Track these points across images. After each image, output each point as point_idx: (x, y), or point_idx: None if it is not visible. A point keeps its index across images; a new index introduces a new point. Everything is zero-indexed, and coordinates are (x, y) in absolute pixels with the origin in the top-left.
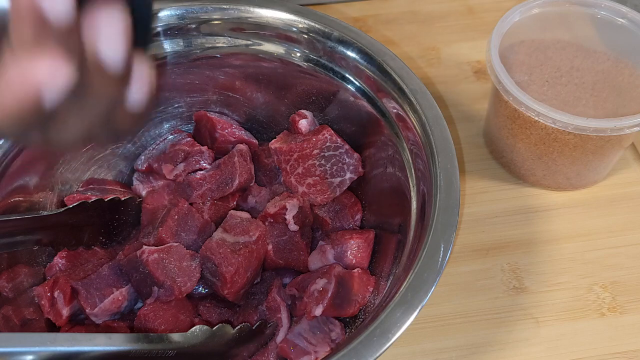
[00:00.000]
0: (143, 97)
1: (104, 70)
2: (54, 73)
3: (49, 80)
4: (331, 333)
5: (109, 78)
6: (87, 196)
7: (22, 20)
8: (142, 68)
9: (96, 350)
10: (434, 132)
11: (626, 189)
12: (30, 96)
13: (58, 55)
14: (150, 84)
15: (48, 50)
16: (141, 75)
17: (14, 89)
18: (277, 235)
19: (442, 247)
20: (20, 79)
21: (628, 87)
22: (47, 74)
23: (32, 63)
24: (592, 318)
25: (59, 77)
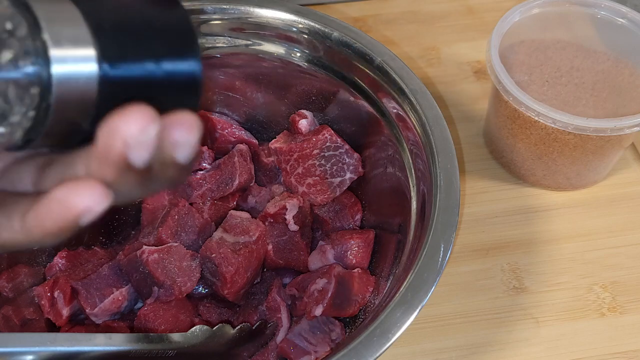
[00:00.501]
0: (191, 153)
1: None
2: (94, 205)
3: (88, 211)
4: (331, 333)
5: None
6: None
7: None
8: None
9: (96, 350)
10: (434, 132)
11: (626, 189)
12: (69, 222)
13: (99, 186)
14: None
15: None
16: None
17: (54, 216)
18: (277, 235)
19: (442, 247)
20: (61, 209)
21: (628, 87)
22: (87, 206)
23: (74, 193)
24: (592, 318)
25: (98, 207)
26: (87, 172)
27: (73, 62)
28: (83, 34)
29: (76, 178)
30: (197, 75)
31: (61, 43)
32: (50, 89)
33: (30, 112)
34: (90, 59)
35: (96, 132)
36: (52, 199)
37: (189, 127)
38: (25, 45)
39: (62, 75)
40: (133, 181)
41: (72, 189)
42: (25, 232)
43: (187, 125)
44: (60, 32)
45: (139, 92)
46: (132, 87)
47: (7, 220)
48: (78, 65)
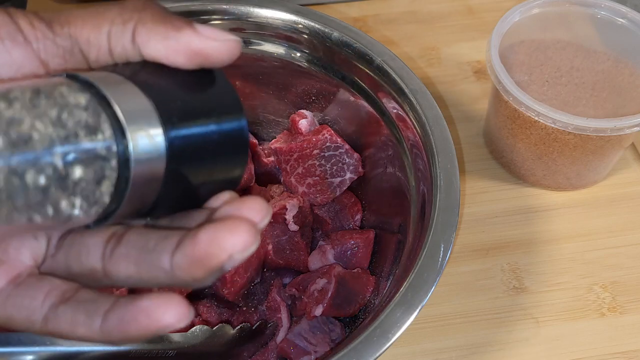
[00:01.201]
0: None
1: None
2: (178, 322)
3: (171, 327)
4: (331, 333)
5: None
6: None
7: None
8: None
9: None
10: (434, 132)
11: (626, 189)
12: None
13: (186, 306)
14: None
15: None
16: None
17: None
18: (277, 235)
19: (442, 247)
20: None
21: (628, 87)
22: (172, 323)
23: (163, 308)
24: (592, 318)
25: (180, 324)
26: (173, 266)
27: (146, 141)
28: (149, 113)
29: (162, 292)
30: (245, 139)
31: (134, 122)
32: (129, 168)
33: (108, 191)
34: (159, 136)
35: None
36: (140, 310)
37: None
38: (102, 128)
39: (138, 154)
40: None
41: (160, 304)
42: (103, 333)
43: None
44: (131, 111)
45: (199, 165)
46: (194, 160)
47: (87, 319)
48: (150, 143)
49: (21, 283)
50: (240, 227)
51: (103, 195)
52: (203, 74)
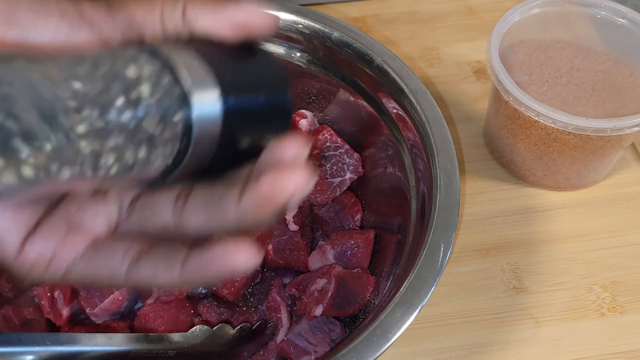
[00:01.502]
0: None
1: None
2: (249, 265)
3: (243, 269)
4: (331, 333)
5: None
6: None
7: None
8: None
9: (96, 350)
10: (434, 132)
11: (626, 189)
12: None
13: (253, 249)
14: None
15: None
16: None
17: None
18: (277, 235)
19: (442, 247)
20: (222, 263)
21: (628, 87)
22: (244, 266)
23: (234, 252)
24: (592, 318)
25: (251, 266)
26: (241, 211)
27: (206, 102)
28: (209, 80)
29: (235, 240)
30: (288, 105)
31: (196, 85)
32: (191, 127)
33: (172, 150)
34: (216, 99)
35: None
36: (216, 254)
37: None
38: (170, 88)
39: (199, 115)
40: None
41: (233, 248)
42: (183, 278)
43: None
44: (194, 77)
45: (249, 128)
46: (245, 120)
47: (167, 267)
48: (209, 105)
49: (100, 246)
50: (296, 167)
51: (168, 151)
52: (247, 47)
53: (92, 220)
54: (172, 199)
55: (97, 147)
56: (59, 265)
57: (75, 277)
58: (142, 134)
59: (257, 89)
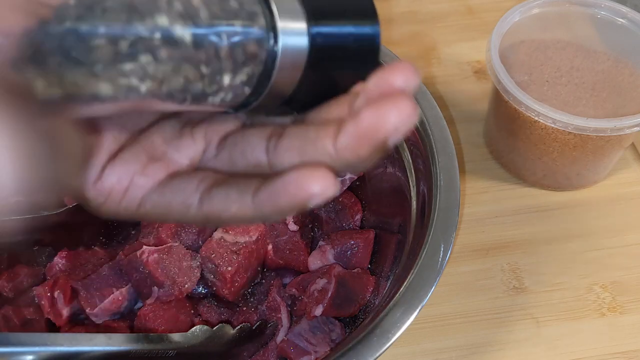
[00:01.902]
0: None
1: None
2: (326, 191)
3: (320, 195)
4: (331, 333)
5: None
6: None
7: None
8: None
9: (96, 350)
10: (434, 132)
11: (626, 189)
12: (301, 202)
13: (331, 175)
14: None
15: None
16: None
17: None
18: (277, 235)
19: (442, 247)
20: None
21: (628, 87)
22: (320, 191)
23: (309, 178)
24: (593, 318)
25: (329, 192)
26: (338, 148)
27: (293, 31)
28: (297, 11)
29: (312, 164)
30: (377, 40)
31: (283, 15)
32: (276, 56)
33: (254, 76)
34: (303, 31)
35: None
36: (289, 181)
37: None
38: (256, 16)
39: (285, 44)
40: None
41: (308, 174)
42: (255, 207)
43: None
44: (281, 7)
45: (336, 63)
46: (334, 55)
47: (239, 196)
48: (295, 35)
49: (176, 176)
50: (400, 98)
51: (253, 76)
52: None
53: (175, 153)
54: (264, 138)
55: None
56: (135, 195)
57: (148, 209)
58: (225, 56)
59: (346, 20)
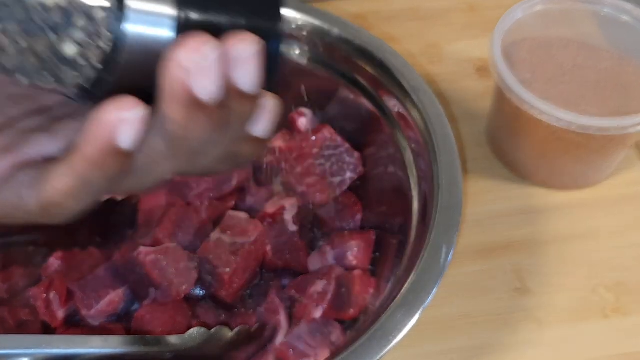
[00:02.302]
0: (269, 128)
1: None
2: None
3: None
4: (331, 335)
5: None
6: None
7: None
8: (270, 102)
9: (92, 352)
10: (435, 130)
11: (631, 188)
12: (109, 142)
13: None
14: (275, 119)
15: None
16: (268, 108)
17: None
18: (275, 236)
19: (444, 248)
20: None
21: (632, 85)
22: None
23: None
24: (597, 319)
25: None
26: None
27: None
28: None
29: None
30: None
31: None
32: (123, 38)
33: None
34: (166, 16)
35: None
36: (90, 122)
37: (248, 42)
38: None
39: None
40: (204, 124)
41: (104, 107)
42: (41, 203)
43: (246, 41)
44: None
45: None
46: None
47: (16, 196)
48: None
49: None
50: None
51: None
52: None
53: (26, 146)
54: None
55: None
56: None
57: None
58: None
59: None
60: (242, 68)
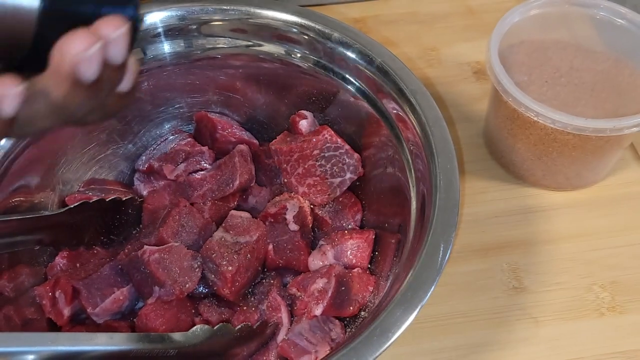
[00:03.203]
0: (131, 83)
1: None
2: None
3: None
4: (331, 332)
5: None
6: (88, 196)
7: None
8: (131, 61)
9: (97, 349)
10: (433, 132)
11: (625, 189)
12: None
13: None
14: (136, 73)
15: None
16: (131, 67)
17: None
18: (277, 235)
19: (442, 247)
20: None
21: (628, 87)
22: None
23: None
24: (592, 318)
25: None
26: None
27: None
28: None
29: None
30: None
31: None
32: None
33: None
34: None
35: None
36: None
37: (118, 24)
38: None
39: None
40: (83, 96)
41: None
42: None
43: (117, 24)
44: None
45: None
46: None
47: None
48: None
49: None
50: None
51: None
52: None
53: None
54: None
55: None
56: None
57: None
58: None
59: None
60: (115, 46)
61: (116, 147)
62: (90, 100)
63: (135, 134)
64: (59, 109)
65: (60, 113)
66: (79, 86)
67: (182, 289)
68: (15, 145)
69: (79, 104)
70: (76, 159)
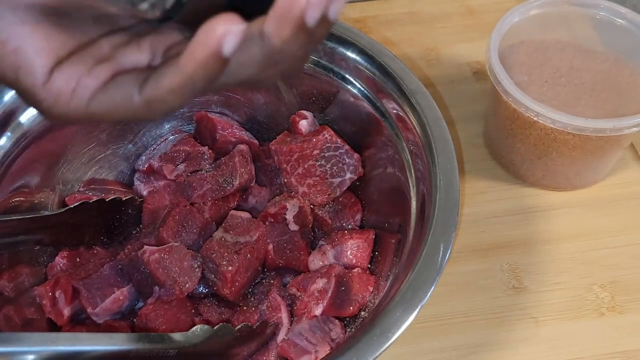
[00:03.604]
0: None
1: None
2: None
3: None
4: (331, 332)
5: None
6: (88, 196)
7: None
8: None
9: (97, 349)
10: (433, 132)
11: (625, 189)
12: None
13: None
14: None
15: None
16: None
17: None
18: (277, 235)
19: (442, 247)
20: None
21: (628, 87)
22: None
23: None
24: (591, 318)
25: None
26: (265, 34)
27: None
28: None
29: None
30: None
31: None
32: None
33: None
34: None
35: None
36: (201, 32)
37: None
38: None
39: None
40: (299, 44)
41: (214, 21)
42: (146, 99)
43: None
44: None
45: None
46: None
47: (125, 96)
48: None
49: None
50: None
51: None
52: None
53: (120, 56)
54: None
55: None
56: (82, 95)
57: (96, 108)
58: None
59: None
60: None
61: (116, 147)
62: (301, 49)
63: (135, 134)
64: (272, 56)
65: (271, 61)
66: (300, 32)
67: (182, 289)
68: (15, 145)
69: (293, 53)
70: (76, 159)
